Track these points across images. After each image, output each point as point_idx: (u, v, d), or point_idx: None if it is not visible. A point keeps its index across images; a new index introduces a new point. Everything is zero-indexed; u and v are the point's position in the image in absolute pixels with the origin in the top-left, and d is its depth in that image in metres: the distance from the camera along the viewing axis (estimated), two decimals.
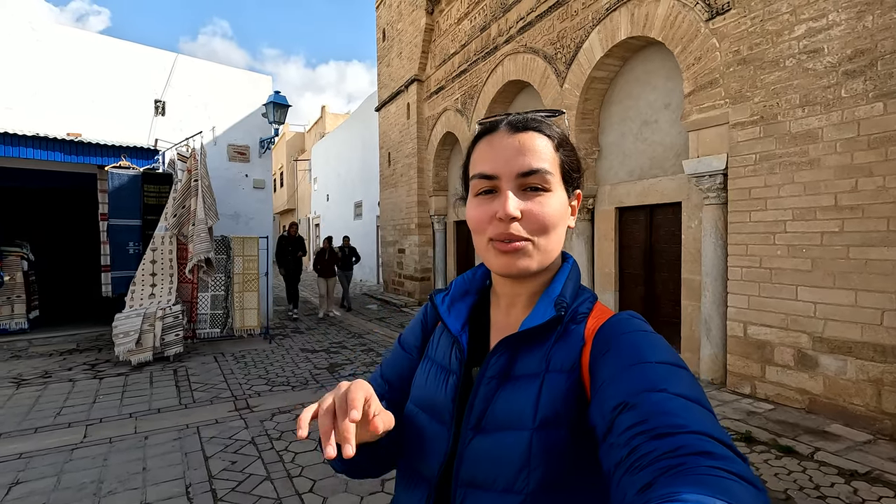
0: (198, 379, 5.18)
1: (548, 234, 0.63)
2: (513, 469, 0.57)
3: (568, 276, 0.67)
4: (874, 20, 3.41)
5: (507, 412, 0.60)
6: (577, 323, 0.63)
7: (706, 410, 0.47)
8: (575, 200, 0.69)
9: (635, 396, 0.48)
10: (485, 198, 0.64)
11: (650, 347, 0.55)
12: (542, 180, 0.63)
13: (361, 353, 6.41)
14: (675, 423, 0.44)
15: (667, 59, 5.39)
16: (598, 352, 0.57)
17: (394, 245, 12.27)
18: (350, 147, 17.69)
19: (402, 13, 11.55)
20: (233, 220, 7.92)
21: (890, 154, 3.34)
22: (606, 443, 0.49)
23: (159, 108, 7.71)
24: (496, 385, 0.62)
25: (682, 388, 0.49)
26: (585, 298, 0.67)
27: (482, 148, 0.67)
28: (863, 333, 3.53)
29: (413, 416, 0.70)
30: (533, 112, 0.68)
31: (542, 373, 0.60)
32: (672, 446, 0.42)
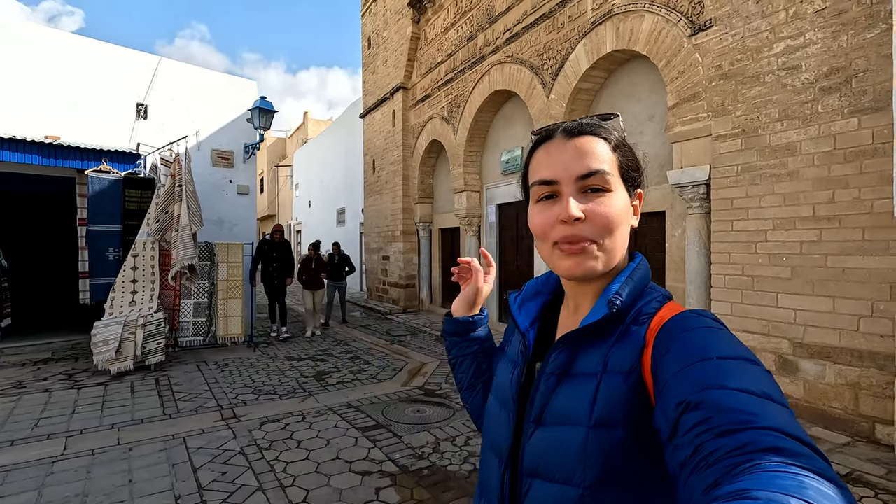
0: (181, 388, 5.07)
1: (612, 234, 0.64)
2: (571, 463, 0.59)
3: (629, 275, 0.66)
4: (848, 40, 3.58)
5: (565, 408, 0.62)
6: (639, 324, 0.62)
7: (777, 405, 0.45)
8: (637, 200, 0.70)
9: (697, 394, 0.47)
10: (546, 203, 0.66)
11: (713, 343, 0.53)
12: (602, 181, 0.64)
13: (348, 360, 6.36)
14: (741, 419, 0.43)
15: (651, 73, 5.54)
16: (659, 353, 0.56)
17: (378, 252, 12.23)
18: (333, 153, 17.60)
19: (388, 21, 11.60)
20: (217, 226, 7.80)
21: (864, 167, 3.49)
22: (671, 444, 0.48)
23: (141, 111, 7.58)
24: (555, 381, 0.65)
25: (747, 382, 0.47)
26: (652, 298, 0.65)
27: (540, 155, 0.69)
28: (840, 339, 3.66)
29: (490, 401, 0.78)
30: (587, 118, 0.69)
31: (599, 373, 0.61)
32: (738, 443, 0.41)
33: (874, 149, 3.44)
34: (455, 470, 3.26)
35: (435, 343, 7.48)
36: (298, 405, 4.56)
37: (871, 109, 3.46)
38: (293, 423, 4.11)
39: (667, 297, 0.67)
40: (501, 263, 8.62)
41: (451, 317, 0.98)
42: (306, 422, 4.14)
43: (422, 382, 5.32)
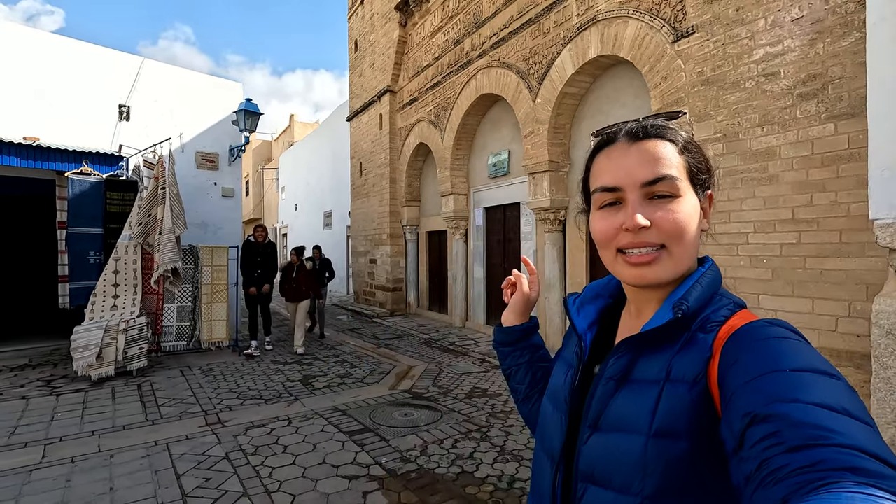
0: (164, 394, 4.98)
1: (681, 240, 0.61)
2: (628, 471, 0.57)
3: (697, 279, 0.63)
4: (825, 47, 3.67)
5: (623, 415, 0.59)
6: (706, 332, 0.59)
7: (857, 422, 0.41)
8: (707, 202, 0.67)
9: (765, 407, 0.44)
10: (609, 210, 0.64)
11: (786, 354, 0.49)
12: (670, 187, 0.61)
13: (335, 364, 6.31)
14: (815, 434, 0.40)
15: (635, 78, 5.62)
16: (727, 363, 0.53)
17: (365, 255, 12.18)
18: (320, 156, 17.52)
19: (375, 25, 11.61)
20: (201, 229, 7.70)
21: (841, 171, 3.58)
22: (737, 457, 0.45)
23: (124, 112, 7.46)
24: (614, 386, 0.62)
25: (823, 396, 0.43)
26: (722, 305, 0.61)
27: (601, 161, 0.66)
28: (819, 339, 3.74)
29: (544, 403, 0.77)
30: (652, 117, 0.67)
31: (661, 381, 0.58)
32: (810, 460, 0.38)
33: (850, 153, 3.54)
34: (443, 473, 3.25)
35: (423, 346, 7.47)
36: (284, 410, 4.51)
37: (846, 115, 3.55)
38: (279, 427, 4.07)
39: (739, 304, 0.63)
40: (489, 266, 8.65)
41: (502, 326, 0.97)
42: (292, 426, 4.10)
43: (409, 385, 5.31)
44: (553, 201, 6.60)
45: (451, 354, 6.86)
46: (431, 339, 7.92)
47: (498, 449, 3.63)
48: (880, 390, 2.47)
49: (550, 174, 6.61)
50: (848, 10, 3.54)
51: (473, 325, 8.76)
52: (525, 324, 0.95)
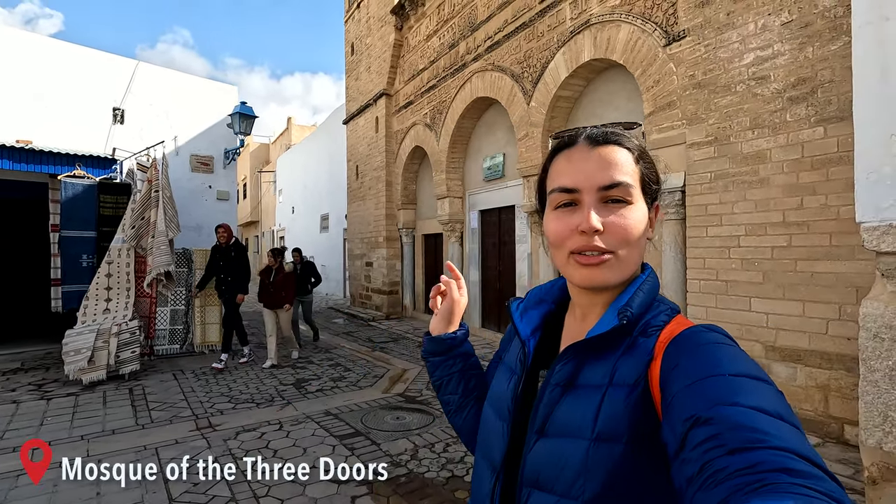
0: (156, 398, 4.96)
1: (630, 246, 0.63)
2: (570, 475, 0.58)
3: (639, 286, 0.65)
4: (814, 51, 3.69)
5: (568, 420, 0.61)
6: (647, 336, 0.61)
7: (790, 425, 0.44)
8: (654, 213, 0.69)
9: (707, 410, 0.46)
10: (565, 211, 0.65)
11: (724, 360, 0.51)
12: (625, 193, 0.63)
13: (329, 367, 6.30)
14: (753, 437, 0.42)
15: (627, 81, 5.64)
16: (668, 366, 0.55)
17: (361, 258, 12.17)
18: (317, 159, 17.53)
19: (371, 28, 11.63)
20: (195, 233, 7.69)
21: (831, 175, 3.59)
22: (678, 459, 0.46)
23: (118, 115, 7.46)
24: (560, 392, 0.63)
25: (760, 401, 0.46)
26: (660, 311, 0.64)
27: (561, 162, 0.67)
28: (810, 342, 3.74)
29: (485, 410, 0.77)
30: (610, 125, 0.68)
31: (605, 385, 0.60)
32: (749, 462, 0.40)
33: (839, 157, 3.54)
34: (433, 477, 3.24)
35: (417, 349, 7.45)
36: (276, 413, 4.50)
37: (836, 119, 3.56)
38: (270, 431, 4.05)
39: (675, 309, 0.65)
40: (484, 269, 8.65)
41: (431, 335, 0.92)
42: (283, 430, 4.08)
43: (402, 389, 5.29)
44: None
45: None
46: None
47: None
48: (868, 393, 2.47)
49: None
50: (836, 14, 3.55)
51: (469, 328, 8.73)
52: (457, 332, 0.91)
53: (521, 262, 7.45)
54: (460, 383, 0.90)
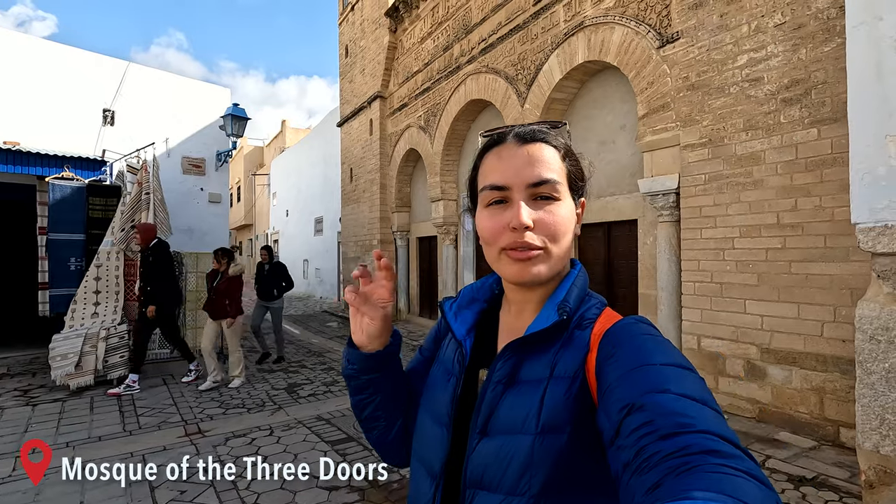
0: (144, 403, 4.87)
1: (559, 241, 0.64)
2: (516, 472, 0.58)
3: (573, 281, 0.68)
4: (807, 53, 3.69)
5: (512, 417, 0.61)
6: (582, 329, 0.64)
7: (713, 410, 0.47)
8: (580, 209, 0.70)
9: (640, 398, 0.49)
10: (496, 208, 0.65)
11: (655, 350, 0.55)
12: (553, 189, 0.64)
13: (321, 371, 6.23)
14: (681, 422, 0.45)
15: (621, 83, 5.63)
16: (604, 357, 0.58)
17: (356, 261, 12.10)
18: (311, 162, 17.46)
19: (365, 31, 11.61)
20: (186, 235, 7.60)
21: (825, 176, 3.58)
22: (614, 446, 0.49)
23: (108, 117, 7.37)
24: (502, 389, 0.63)
25: (687, 388, 0.49)
26: (592, 304, 0.67)
27: (491, 160, 0.68)
28: (805, 344, 3.73)
29: (420, 416, 0.74)
30: (537, 124, 0.69)
31: (545, 378, 0.61)
32: (678, 446, 0.42)
33: (833, 158, 3.54)
34: None
35: (411, 353, 7.39)
36: (267, 419, 4.43)
37: (829, 120, 3.56)
38: (260, 437, 3.98)
39: (603, 302, 0.69)
40: (479, 271, 8.61)
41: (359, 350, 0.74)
42: (274, 436, 4.01)
43: None
44: None
45: None
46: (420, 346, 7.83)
47: None
48: (864, 396, 2.45)
49: None
50: (829, 15, 3.55)
51: None
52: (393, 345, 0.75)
53: None
54: (391, 399, 0.77)
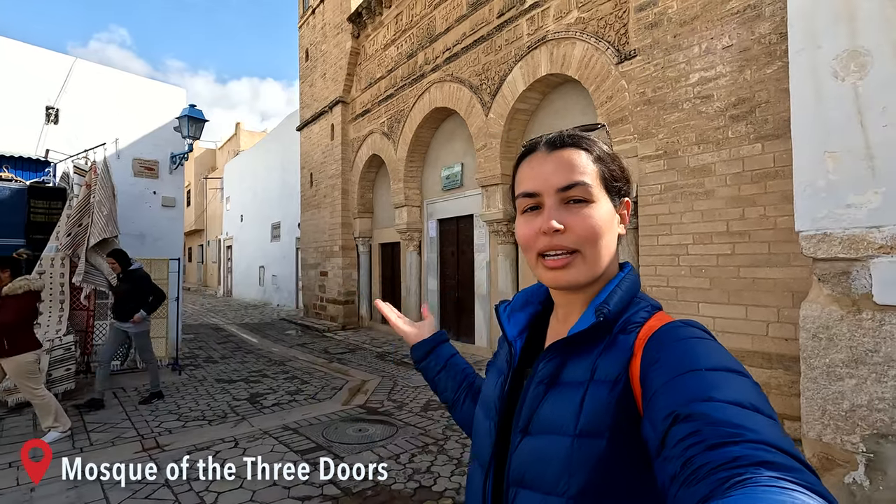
0: (95, 418, 4.60)
1: (594, 243, 0.64)
2: (555, 472, 0.59)
3: (617, 284, 0.67)
4: (752, 74, 3.99)
5: (552, 417, 0.62)
6: (626, 333, 0.62)
7: (766, 418, 0.45)
8: (624, 208, 0.70)
9: (686, 406, 0.47)
10: (530, 215, 0.68)
11: (702, 354, 0.53)
12: (583, 192, 0.64)
13: (284, 381, 6.08)
14: (731, 432, 0.43)
15: (582, 96, 5.87)
16: (648, 363, 0.56)
17: (316, 268, 11.88)
18: (268, 166, 17.01)
19: (327, 35, 11.50)
20: (138, 241, 7.24)
21: (769, 187, 3.88)
22: (661, 457, 0.47)
23: (51, 115, 6.94)
24: (543, 390, 0.65)
25: (737, 394, 0.47)
26: (640, 308, 0.65)
27: (524, 169, 0.71)
28: (753, 343, 4.01)
29: (476, 412, 0.79)
30: (572, 129, 0.71)
31: (586, 381, 0.61)
32: (728, 457, 0.41)
33: (776, 171, 3.84)
34: (400, 489, 3.19)
35: (376, 360, 7.34)
36: (231, 430, 4.28)
37: (772, 136, 3.87)
38: (225, 449, 3.85)
39: (656, 307, 0.67)
40: (443, 278, 8.67)
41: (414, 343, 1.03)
42: (239, 447, 3.89)
43: (363, 400, 5.19)
44: (506, 213, 6.72)
45: (406, 367, 6.78)
46: (385, 353, 7.81)
47: (455, 461, 3.60)
48: (808, 389, 2.67)
49: (503, 187, 6.74)
50: (771, 41, 3.87)
51: None
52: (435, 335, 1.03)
53: (479, 270, 7.53)
54: (449, 378, 0.98)
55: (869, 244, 2.47)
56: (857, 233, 2.50)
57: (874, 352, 2.46)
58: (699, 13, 4.33)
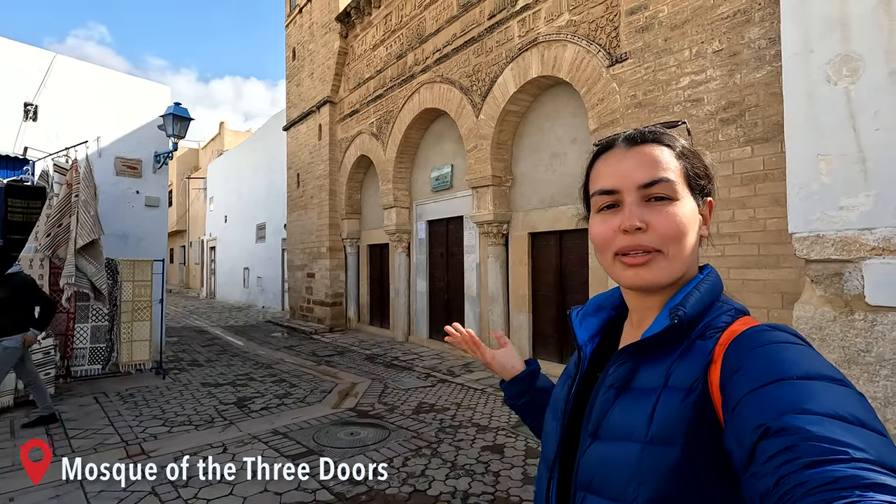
0: (76, 425, 4.46)
1: (678, 243, 0.61)
2: (623, 479, 0.56)
3: (695, 285, 0.63)
4: (742, 78, 4.05)
5: (622, 423, 0.59)
6: (705, 339, 0.58)
7: (873, 433, 0.41)
8: (707, 208, 0.67)
9: (777, 420, 0.43)
10: (607, 213, 0.65)
11: (792, 361, 0.48)
12: (667, 189, 0.62)
13: (272, 384, 5.98)
14: (830, 448, 0.39)
15: (573, 98, 5.90)
16: (729, 370, 0.52)
17: (302, 269, 11.74)
18: (253, 166, 16.79)
19: (315, 34, 11.40)
20: (121, 241, 7.05)
21: (758, 190, 3.94)
22: (749, 472, 0.44)
23: (30, 112, 6.73)
24: (614, 395, 0.62)
25: (835, 406, 0.42)
26: (723, 312, 0.61)
27: (600, 166, 0.68)
28: None
29: (546, 413, 0.78)
30: (650, 126, 0.68)
31: (659, 388, 0.58)
32: (829, 478, 0.37)
33: (765, 174, 3.90)
34: (395, 493, 3.14)
35: (365, 362, 7.27)
36: (218, 435, 4.19)
37: (761, 140, 3.92)
38: (213, 455, 3.75)
39: (741, 311, 0.62)
40: (432, 280, 8.63)
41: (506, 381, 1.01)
42: (228, 453, 3.80)
43: (353, 403, 5.12)
44: (496, 215, 6.72)
45: (395, 370, 6.73)
46: (374, 355, 7.74)
47: (449, 464, 3.57)
48: None
49: (493, 188, 6.74)
50: (760, 45, 3.93)
51: (416, 339, 8.66)
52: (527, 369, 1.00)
53: (469, 272, 7.51)
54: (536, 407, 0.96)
55: (861, 246, 2.51)
56: (850, 235, 2.54)
57: (866, 352, 2.49)
58: (689, 17, 4.37)
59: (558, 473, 0.68)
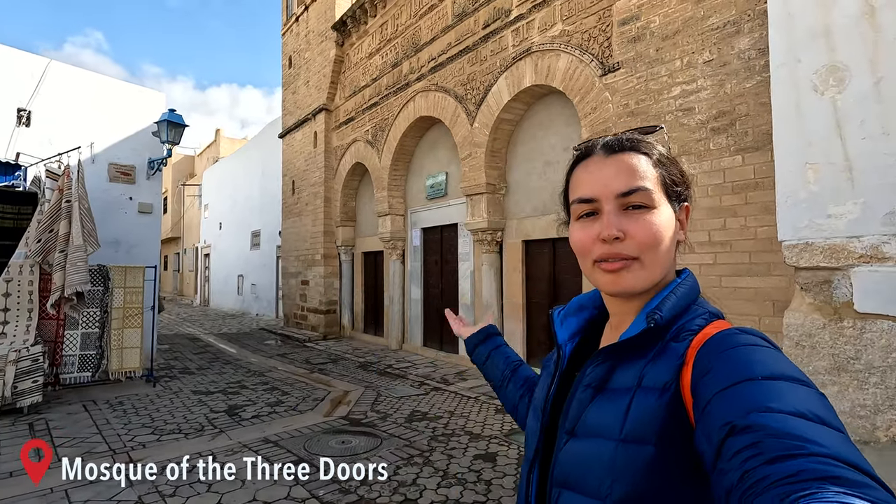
0: (63, 433, 4.40)
1: (654, 250, 0.62)
2: (598, 476, 0.58)
3: (672, 290, 0.64)
4: (732, 87, 4.09)
5: (598, 421, 0.61)
6: (679, 341, 0.60)
7: (832, 430, 0.42)
8: (683, 213, 0.68)
9: (743, 417, 0.44)
10: (587, 220, 0.65)
11: (758, 362, 0.50)
12: (644, 198, 0.62)
13: (264, 392, 5.93)
14: (792, 444, 0.40)
15: (566, 107, 5.94)
16: (700, 372, 0.54)
17: (297, 276, 11.70)
18: (248, 174, 16.78)
19: (311, 43, 11.46)
20: (112, 248, 7.01)
21: (749, 198, 3.96)
22: (716, 469, 0.45)
23: (23, 117, 6.71)
24: (591, 394, 0.64)
25: (798, 405, 0.44)
26: (697, 315, 0.62)
27: (579, 173, 0.68)
28: None
29: (529, 415, 0.80)
30: (629, 131, 0.68)
31: (633, 388, 0.59)
32: (790, 471, 0.38)
33: (756, 183, 3.93)
34: (385, 502, 3.11)
35: (359, 370, 7.23)
36: (208, 444, 4.14)
37: (752, 149, 3.96)
38: (202, 463, 3.70)
39: (715, 314, 0.63)
40: (426, 287, 8.62)
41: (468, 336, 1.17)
42: (218, 461, 3.75)
43: (346, 412, 5.08)
44: (490, 223, 6.73)
45: (389, 378, 6.69)
46: (367, 363, 7.69)
47: (441, 473, 3.54)
48: None
49: (488, 196, 6.76)
50: (750, 56, 3.98)
51: (410, 347, 8.63)
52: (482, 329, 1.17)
53: (463, 280, 7.50)
54: (494, 366, 1.08)
55: (849, 253, 2.52)
56: (838, 242, 2.55)
57: (855, 359, 2.50)
58: (681, 28, 4.43)
59: (538, 471, 0.69)
